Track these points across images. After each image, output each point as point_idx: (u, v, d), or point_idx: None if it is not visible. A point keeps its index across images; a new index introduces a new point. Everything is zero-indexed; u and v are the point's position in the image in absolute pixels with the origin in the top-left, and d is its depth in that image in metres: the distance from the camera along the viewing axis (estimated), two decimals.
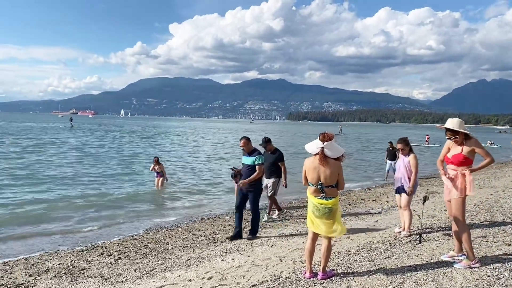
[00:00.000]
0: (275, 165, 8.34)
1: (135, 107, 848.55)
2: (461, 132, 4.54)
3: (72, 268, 5.65)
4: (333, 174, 4.13)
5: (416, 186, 6.20)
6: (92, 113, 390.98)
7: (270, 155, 8.38)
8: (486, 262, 4.54)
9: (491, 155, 4.55)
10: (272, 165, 8.32)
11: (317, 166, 4.15)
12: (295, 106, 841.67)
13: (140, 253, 6.33)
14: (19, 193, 11.38)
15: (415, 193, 6.62)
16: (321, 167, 4.13)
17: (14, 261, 6.11)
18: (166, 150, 27.87)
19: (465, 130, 4.55)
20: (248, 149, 6.78)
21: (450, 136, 4.64)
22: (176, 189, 12.89)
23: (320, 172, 4.14)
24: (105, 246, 6.84)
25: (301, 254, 5.37)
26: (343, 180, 4.24)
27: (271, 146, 8.48)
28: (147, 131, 59.16)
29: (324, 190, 4.15)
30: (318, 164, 4.14)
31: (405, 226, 6.20)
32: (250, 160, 6.70)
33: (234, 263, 5.34)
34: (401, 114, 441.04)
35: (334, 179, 4.16)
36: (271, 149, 8.46)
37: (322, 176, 4.14)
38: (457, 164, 4.59)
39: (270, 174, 8.35)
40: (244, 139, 6.82)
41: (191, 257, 5.91)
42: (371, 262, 4.81)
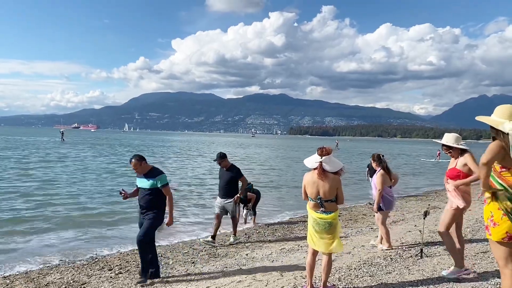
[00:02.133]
0: (231, 183, 7.64)
1: (137, 121, 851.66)
2: (454, 147, 4.62)
3: (72, 282, 5.63)
4: (332, 188, 4.16)
5: (388, 203, 6.30)
6: (94, 127, 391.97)
7: (226, 172, 7.67)
8: (487, 278, 4.54)
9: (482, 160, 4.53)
10: (228, 183, 7.62)
11: (316, 180, 4.18)
12: (296, 121, 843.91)
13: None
14: (16, 205, 11.38)
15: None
16: (320, 182, 4.16)
17: (14, 275, 6.10)
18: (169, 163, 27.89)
19: (459, 145, 4.63)
20: (142, 170, 5.37)
21: (445, 151, 4.77)
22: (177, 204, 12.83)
23: (319, 186, 4.17)
24: (105, 261, 6.82)
25: (302, 269, 5.36)
26: (342, 194, 4.25)
27: (226, 162, 7.71)
28: (146, 145, 59.19)
29: (323, 204, 4.18)
30: (317, 179, 4.17)
31: (384, 241, 6.39)
32: (147, 183, 5.28)
33: (235, 278, 5.33)
34: (402, 129, 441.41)
35: (333, 193, 4.18)
36: (226, 165, 7.70)
37: (321, 190, 4.16)
38: (452, 178, 4.71)
39: (225, 193, 7.63)
40: (134, 160, 5.33)
41: (192, 272, 5.89)
42: (372, 278, 4.80)
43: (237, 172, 7.69)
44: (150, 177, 5.32)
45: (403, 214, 10.78)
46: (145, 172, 5.37)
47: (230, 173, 7.65)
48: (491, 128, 3.16)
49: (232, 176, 7.64)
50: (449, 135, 4.81)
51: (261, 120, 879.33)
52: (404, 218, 9.98)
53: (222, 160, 7.66)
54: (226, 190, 7.62)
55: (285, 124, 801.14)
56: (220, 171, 7.81)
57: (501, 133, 3.05)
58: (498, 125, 3.07)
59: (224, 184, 7.67)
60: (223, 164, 7.69)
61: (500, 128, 3.04)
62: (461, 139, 4.74)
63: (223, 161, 7.67)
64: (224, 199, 7.65)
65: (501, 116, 3.12)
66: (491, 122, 3.14)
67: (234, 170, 7.69)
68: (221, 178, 7.75)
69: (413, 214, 10.68)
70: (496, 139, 3.12)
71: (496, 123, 3.09)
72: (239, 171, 7.73)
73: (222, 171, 7.76)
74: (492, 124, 3.13)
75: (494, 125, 3.11)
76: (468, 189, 4.74)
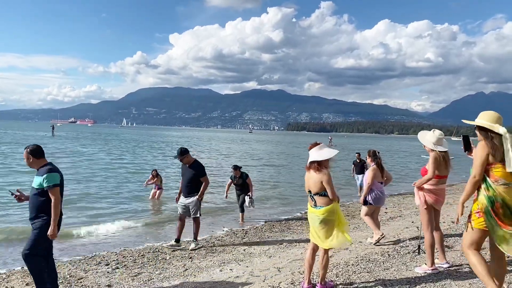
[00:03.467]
0: (195, 181, 6.99)
1: (134, 116, 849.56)
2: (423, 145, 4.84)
3: (69, 277, 5.61)
4: (317, 181, 4.12)
5: (378, 199, 6.49)
6: (91, 122, 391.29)
7: (188, 170, 7.01)
8: None
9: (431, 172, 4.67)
10: (190, 181, 6.99)
11: (307, 175, 4.29)
12: (294, 117, 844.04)
13: (137, 262, 6.30)
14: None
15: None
16: (308, 175, 4.25)
17: (11, 270, 6.07)
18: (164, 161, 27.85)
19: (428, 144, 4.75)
20: (33, 165, 4.38)
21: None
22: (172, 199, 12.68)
23: (309, 180, 4.24)
24: (102, 256, 6.80)
25: (299, 265, 5.36)
26: (330, 189, 4.10)
27: (189, 158, 7.05)
28: (145, 140, 59.10)
29: (313, 198, 4.18)
30: (307, 173, 4.28)
31: (374, 231, 6.58)
32: (37, 182, 4.26)
33: (232, 273, 5.32)
34: (399, 125, 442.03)
35: (319, 186, 4.12)
36: (189, 162, 7.05)
37: (310, 183, 4.21)
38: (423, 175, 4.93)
39: (189, 192, 7.03)
40: (25, 151, 4.37)
41: (189, 267, 5.88)
42: (370, 274, 4.81)
43: (200, 170, 7.03)
44: (39, 175, 4.30)
45: (400, 210, 10.81)
46: (38, 167, 4.37)
47: (193, 171, 6.98)
48: (480, 131, 3.38)
49: (195, 173, 6.98)
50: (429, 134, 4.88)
51: (259, 116, 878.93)
52: (402, 215, 10.00)
53: (184, 156, 7.00)
54: (190, 189, 7.02)
55: (282, 120, 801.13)
56: (182, 168, 7.20)
57: (492, 135, 3.29)
58: (493, 127, 3.28)
59: (186, 182, 7.03)
60: (185, 161, 7.05)
61: (495, 130, 3.27)
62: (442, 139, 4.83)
63: (185, 157, 7.01)
64: (187, 198, 7.09)
65: (490, 121, 3.34)
66: (486, 125, 3.34)
67: (197, 167, 7.04)
68: (184, 176, 7.13)
69: (410, 210, 10.70)
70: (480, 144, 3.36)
71: (490, 125, 3.31)
72: (202, 168, 7.09)
73: (184, 168, 7.11)
74: (488, 126, 3.31)
75: (489, 127, 3.30)
76: (439, 188, 4.83)
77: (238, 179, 9.66)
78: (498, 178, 3.28)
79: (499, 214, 3.26)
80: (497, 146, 3.26)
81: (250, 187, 9.69)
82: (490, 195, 3.29)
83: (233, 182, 9.78)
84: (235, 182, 9.73)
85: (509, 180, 3.27)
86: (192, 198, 7.03)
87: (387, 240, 6.74)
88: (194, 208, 7.04)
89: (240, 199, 9.75)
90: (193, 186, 7.02)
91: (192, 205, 7.04)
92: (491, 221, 3.28)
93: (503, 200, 3.25)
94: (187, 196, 7.07)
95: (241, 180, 9.64)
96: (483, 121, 3.39)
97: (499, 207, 3.26)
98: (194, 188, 7.02)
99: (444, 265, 4.89)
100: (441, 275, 4.60)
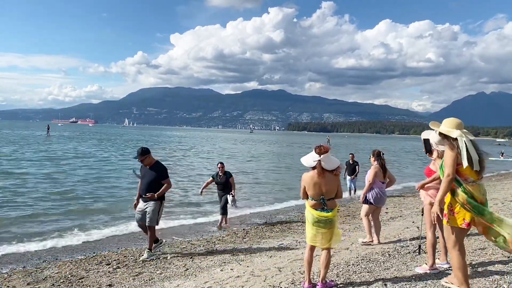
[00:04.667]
0: (155, 184, 6.32)
1: (135, 116, 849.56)
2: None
3: (70, 277, 5.63)
4: (333, 186, 4.20)
5: (379, 199, 6.51)
6: (92, 122, 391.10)
7: (149, 171, 6.39)
8: (485, 274, 4.54)
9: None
10: (150, 184, 6.31)
11: (317, 181, 4.18)
12: (294, 117, 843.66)
13: (138, 262, 6.31)
14: (12, 199, 11.36)
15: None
16: (321, 181, 4.17)
17: (12, 269, 6.09)
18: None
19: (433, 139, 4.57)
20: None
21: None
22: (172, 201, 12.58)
23: (321, 186, 4.17)
24: (103, 255, 6.82)
25: (300, 265, 5.37)
26: (341, 190, 4.32)
27: (150, 159, 6.44)
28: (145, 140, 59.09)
29: (326, 203, 4.19)
30: (318, 179, 4.17)
31: (367, 234, 6.61)
32: None
33: (233, 273, 5.33)
34: (400, 125, 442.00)
35: (334, 191, 4.23)
36: (150, 163, 6.43)
37: (323, 189, 4.17)
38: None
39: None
40: None
41: (189, 267, 5.90)
42: (370, 273, 4.81)
43: (162, 172, 6.42)
44: None
45: (401, 210, 10.81)
46: None
47: (154, 173, 6.37)
48: (442, 136, 3.83)
49: (157, 176, 6.36)
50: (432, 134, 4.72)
51: (260, 116, 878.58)
52: (402, 215, 10.00)
53: (144, 157, 6.37)
54: (149, 192, 6.33)
55: (283, 120, 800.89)
56: (142, 170, 6.56)
57: (451, 139, 3.72)
58: (448, 132, 3.75)
59: (146, 185, 6.36)
60: (145, 162, 6.42)
61: (451, 134, 3.72)
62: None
63: (145, 158, 6.39)
64: (146, 203, 6.40)
65: (450, 127, 3.80)
66: (443, 130, 3.81)
67: (159, 169, 6.43)
68: (143, 178, 6.47)
69: (411, 210, 10.71)
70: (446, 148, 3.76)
71: (447, 131, 3.77)
72: (164, 170, 6.47)
73: (145, 169, 6.49)
74: (445, 132, 3.78)
75: (446, 133, 3.77)
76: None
77: (221, 176, 9.26)
78: (467, 176, 3.64)
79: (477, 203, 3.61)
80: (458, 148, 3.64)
81: (233, 187, 9.25)
82: (465, 190, 3.62)
83: (215, 180, 9.35)
84: (218, 180, 9.30)
85: (475, 178, 3.65)
86: (151, 203, 6.34)
87: (388, 240, 6.75)
88: (150, 214, 6.32)
89: (222, 200, 9.28)
90: (153, 190, 6.32)
91: (149, 210, 6.33)
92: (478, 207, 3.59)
93: (473, 196, 3.62)
94: (146, 201, 6.41)
95: (225, 178, 9.23)
96: (443, 127, 3.84)
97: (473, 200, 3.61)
98: (154, 192, 6.32)
99: (445, 265, 4.89)
100: (442, 275, 4.60)
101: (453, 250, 3.77)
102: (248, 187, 16.22)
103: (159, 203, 6.39)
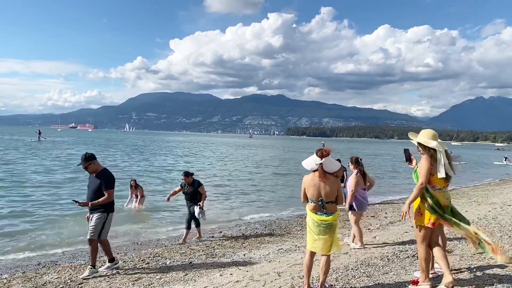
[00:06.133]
0: (101, 193, 5.71)
1: (134, 121, 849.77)
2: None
3: (70, 282, 5.63)
4: (333, 189, 4.21)
5: (360, 205, 6.66)
6: (92, 127, 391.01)
7: (94, 179, 5.79)
8: (484, 278, 4.56)
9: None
10: (96, 193, 5.72)
11: (317, 183, 4.21)
12: (294, 122, 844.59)
13: (138, 267, 6.31)
14: (11, 205, 11.36)
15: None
16: (321, 183, 4.19)
17: (12, 275, 6.09)
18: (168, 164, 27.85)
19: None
20: None
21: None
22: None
23: (320, 188, 4.20)
24: (103, 261, 6.80)
25: (299, 270, 5.37)
26: (342, 195, 4.34)
27: (96, 166, 5.82)
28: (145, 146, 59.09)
29: (325, 206, 4.20)
30: (318, 181, 4.20)
31: (356, 240, 6.72)
32: None
33: (233, 278, 5.34)
34: (399, 130, 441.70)
35: (334, 194, 4.24)
36: (95, 170, 5.81)
37: (322, 192, 4.19)
38: None
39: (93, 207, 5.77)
40: None
41: (189, 272, 5.89)
42: (369, 278, 4.82)
43: (107, 181, 5.77)
44: None
45: (400, 215, 10.80)
46: None
47: (99, 180, 5.74)
48: (420, 146, 4.19)
49: (101, 184, 5.72)
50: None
51: (259, 121, 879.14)
52: (401, 220, 10.00)
53: (89, 163, 5.77)
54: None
55: (282, 125, 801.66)
56: (90, 178, 5.94)
57: (428, 149, 4.11)
58: (426, 143, 4.11)
59: (91, 195, 5.78)
60: (90, 169, 5.80)
61: (429, 145, 4.09)
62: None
63: (90, 165, 5.78)
64: (91, 214, 5.85)
65: (427, 137, 4.17)
66: (421, 141, 4.18)
67: (104, 177, 5.78)
68: (89, 187, 5.89)
69: None
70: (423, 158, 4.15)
71: (425, 141, 4.14)
72: (108, 179, 5.80)
73: (91, 177, 5.91)
74: (424, 143, 4.14)
75: (424, 143, 4.13)
76: None
77: (188, 187, 8.28)
78: (435, 184, 4.12)
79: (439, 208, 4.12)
80: (434, 158, 4.07)
81: (202, 197, 8.30)
82: (431, 196, 4.12)
83: (182, 190, 8.39)
84: (185, 190, 8.31)
85: (441, 185, 4.14)
86: (96, 214, 5.76)
87: (387, 244, 6.76)
88: (93, 227, 5.74)
89: (189, 212, 8.31)
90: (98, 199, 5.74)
91: (92, 222, 5.78)
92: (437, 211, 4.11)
93: (438, 201, 4.13)
94: (91, 212, 5.84)
95: (192, 188, 8.23)
96: (421, 138, 4.20)
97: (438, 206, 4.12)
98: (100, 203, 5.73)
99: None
100: (439, 279, 4.61)
101: (421, 244, 4.26)
102: (247, 192, 16.24)
103: (105, 215, 5.76)
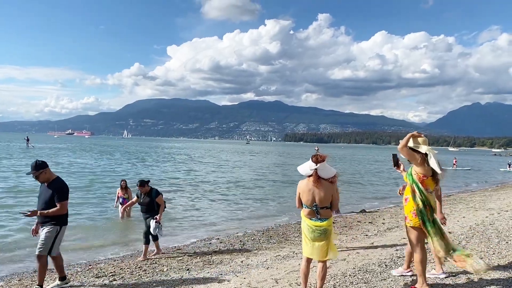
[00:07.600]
0: (52, 204, 5.10)
1: (131, 127, 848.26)
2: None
3: None
4: (327, 195, 4.21)
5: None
6: (89, 133, 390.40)
7: (46, 189, 5.19)
8: (482, 284, 4.56)
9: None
10: (47, 204, 5.12)
11: (311, 188, 4.22)
12: (291, 128, 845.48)
13: (135, 274, 6.28)
14: (8, 213, 11.30)
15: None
16: (315, 189, 4.19)
17: (8, 282, 6.04)
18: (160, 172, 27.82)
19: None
20: None
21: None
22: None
23: (315, 193, 4.20)
24: (99, 268, 6.78)
25: (297, 276, 5.36)
26: (336, 201, 4.36)
27: (48, 175, 5.22)
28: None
29: (319, 211, 4.20)
30: (313, 186, 4.21)
31: None
32: None
33: (230, 285, 5.32)
34: (396, 136, 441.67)
35: (329, 200, 4.23)
36: (47, 179, 5.22)
37: (317, 197, 4.19)
38: None
39: (45, 218, 5.14)
40: None
41: (186, 279, 5.87)
42: (367, 284, 4.82)
43: (59, 191, 5.16)
44: None
45: (397, 221, 10.82)
46: None
47: (51, 191, 5.14)
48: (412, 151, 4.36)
49: (53, 195, 5.12)
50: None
51: (256, 127, 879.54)
52: (399, 225, 10.00)
53: (40, 172, 5.16)
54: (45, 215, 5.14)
55: (280, 131, 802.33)
56: (41, 188, 5.33)
57: (419, 154, 4.31)
58: (417, 148, 4.35)
59: (42, 205, 5.16)
60: (41, 178, 5.20)
61: (419, 149, 4.33)
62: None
63: (41, 174, 5.17)
64: (42, 227, 5.22)
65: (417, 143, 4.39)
66: (414, 147, 4.36)
67: (57, 187, 5.18)
68: (40, 198, 5.29)
69: None
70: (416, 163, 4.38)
71: (416, 146, 4.36)
72: (61, 189, 5.20)
73: (42, 187, 5.30)
74: (413, 147, 4.36)
75: (416, 148, 4.35)
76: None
77: (144, 196, 7.41)
78: (427, 187, 4.31)
79: (427, 212, 4.28)
80: (427, 162, 4.28)
81: (160, 209, 7.41)
82: (423, 199, 4.27)
83: (138, 201, 7.54)
84: (141, 201, 7.44)
85: (432, 188, 4.36)
86: (46, 228, 5.14)
87: (385, 250, 6.75)
88: (42, 241, 5.11)
89: (146, 225, 7.41)
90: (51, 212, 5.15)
91: (42, 236, 5.14)
92: (423, 216, 4.26)
93: (429, 203, 4.30)
94: (42, 225, 5.22)
95: (149, 198, 7.36)
96: (412, 143, 4.39)
97: (428, 208, 4.29)
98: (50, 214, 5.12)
99: (441, 275, 4.90)
100: (437, 285, 4.61)
101: (416, 247, 4.34)
102: (244, 198, 16.22)
103: (57, 228, 5.16)
